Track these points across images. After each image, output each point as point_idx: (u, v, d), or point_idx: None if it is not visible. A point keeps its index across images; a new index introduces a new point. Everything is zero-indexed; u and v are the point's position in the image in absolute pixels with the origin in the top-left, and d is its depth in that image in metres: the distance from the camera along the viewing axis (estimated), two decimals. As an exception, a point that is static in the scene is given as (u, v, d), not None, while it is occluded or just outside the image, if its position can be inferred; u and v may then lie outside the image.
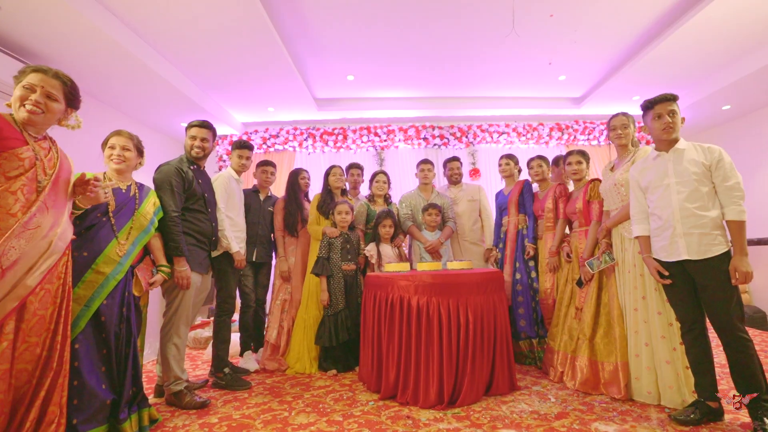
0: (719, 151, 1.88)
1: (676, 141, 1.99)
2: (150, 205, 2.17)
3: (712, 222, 1.84)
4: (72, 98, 1.73)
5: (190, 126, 2.56)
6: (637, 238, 2.15)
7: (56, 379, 1.57)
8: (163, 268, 2.21)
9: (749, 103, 4.68)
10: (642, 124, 2.22)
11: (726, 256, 1.83)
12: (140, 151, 2.22)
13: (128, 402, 1.90)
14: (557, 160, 3.21)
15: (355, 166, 3.63)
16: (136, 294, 2.03)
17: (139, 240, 2.07)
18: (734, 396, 1.84)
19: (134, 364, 1.97)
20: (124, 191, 2.08)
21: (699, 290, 1.91)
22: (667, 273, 1.98)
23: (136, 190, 2.15)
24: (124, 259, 1.96)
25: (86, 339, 1.78)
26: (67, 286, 1.66)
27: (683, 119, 2.02)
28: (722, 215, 1.85)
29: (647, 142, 5.08)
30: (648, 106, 2.05)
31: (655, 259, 2.04)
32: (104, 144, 2.13)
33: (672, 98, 1.99)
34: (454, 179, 3.68)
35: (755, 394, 1.77)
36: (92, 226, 1.91)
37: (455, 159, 3.73)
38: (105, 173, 2.09)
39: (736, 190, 1.82)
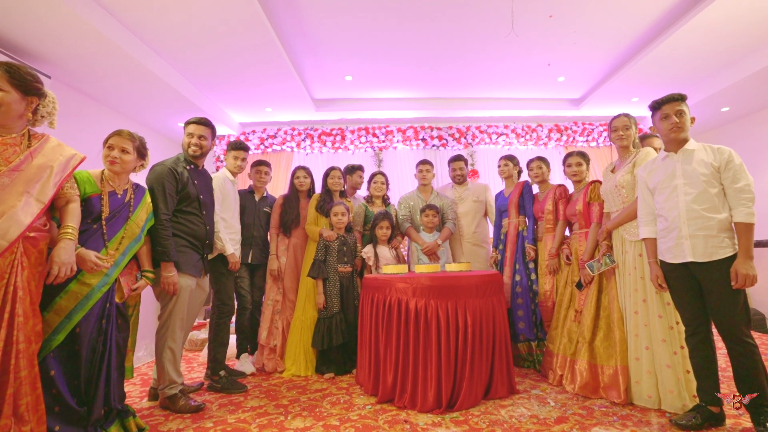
0: (729, 152, 1.85)
1: (685, 141, 1.96)
2: (143, 212, 2.09)
3: (720, 224, 1.81)
4: (23, 85, 1.61)
5: (188, 123, 2.49)
6: (643, 240, 2.12)
7: (4, 389, 1.42)
8: (147, 274, 2.13)
9: (748, 105, 4.68)
10: (641, 126, 2.19)
11: (733, 260, 1.79)
12: (141, 154, 2.12)
13: (98, 421, 1.78)
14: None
15: (359, 168, 3.61)
16: (116, 301, 1.91)
17: (130, 249, 1.99)
18: (734, 396, 1.82)
19: (107, 383, 1.82)
20: (119, 196, 2.00)
21: (705, 294, 1.89)
22: (665, 285, 1.98)
23: (132, 195, 2.06)
24: (111, 269, 1.86)
25: (62, 350, 1.69)
26: (13, 288, 1.50)
27: (693, 119, 1.99)
28: (731, 217, 1.82)
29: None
30: (655, 106, 2.02)
31: (660, 260, 2.02)
32: (105, 142, 2.03)
33: (680, 98, 1.96)
34: (458, 179, 3.59)
35: (755, 394, 1.75)
36: (81, 233, 1.80)
37: (459, 158, 3.59)
38: (103, 171, 2.02)
39: (746, 192, 1.79)
